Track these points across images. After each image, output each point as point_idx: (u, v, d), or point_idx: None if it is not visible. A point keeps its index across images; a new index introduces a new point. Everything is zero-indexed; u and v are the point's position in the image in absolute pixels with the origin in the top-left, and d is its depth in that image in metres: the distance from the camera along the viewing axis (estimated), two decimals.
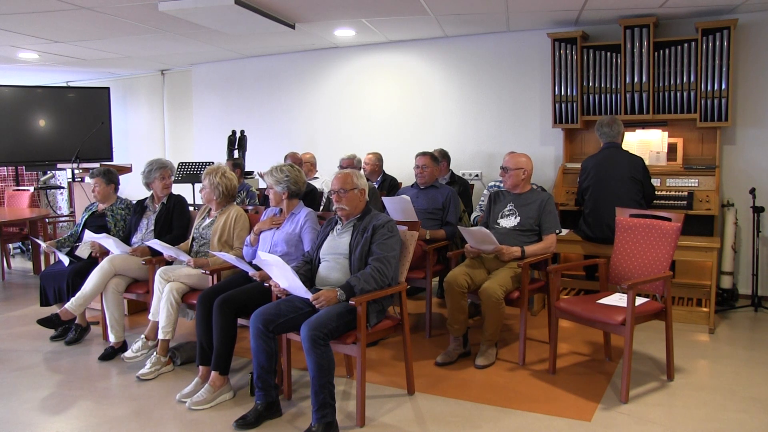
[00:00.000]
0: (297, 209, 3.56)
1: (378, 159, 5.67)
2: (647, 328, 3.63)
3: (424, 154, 4.53)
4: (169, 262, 3.91)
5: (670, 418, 2.94)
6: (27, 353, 3.98)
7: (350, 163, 5.53)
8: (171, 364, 3.64)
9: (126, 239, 4.15)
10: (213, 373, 3.18)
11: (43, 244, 4.36)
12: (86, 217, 4.43)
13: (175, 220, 4.13)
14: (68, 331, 4.19)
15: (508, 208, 3.91)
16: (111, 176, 4.43)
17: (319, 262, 3.21)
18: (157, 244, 3.76)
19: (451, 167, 5.44)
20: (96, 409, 3.15)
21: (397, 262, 3.09)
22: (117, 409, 3.13)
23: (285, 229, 3.53)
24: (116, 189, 4.48)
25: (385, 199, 4.24)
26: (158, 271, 3.66)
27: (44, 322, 3.92)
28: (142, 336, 3.69)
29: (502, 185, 4.88)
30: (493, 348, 3.67)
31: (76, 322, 4.17)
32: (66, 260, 4.15)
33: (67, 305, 3.84)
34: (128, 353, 3.63)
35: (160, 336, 3.56)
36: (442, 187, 4.55)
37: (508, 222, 3.86)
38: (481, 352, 3.64)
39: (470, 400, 3.15)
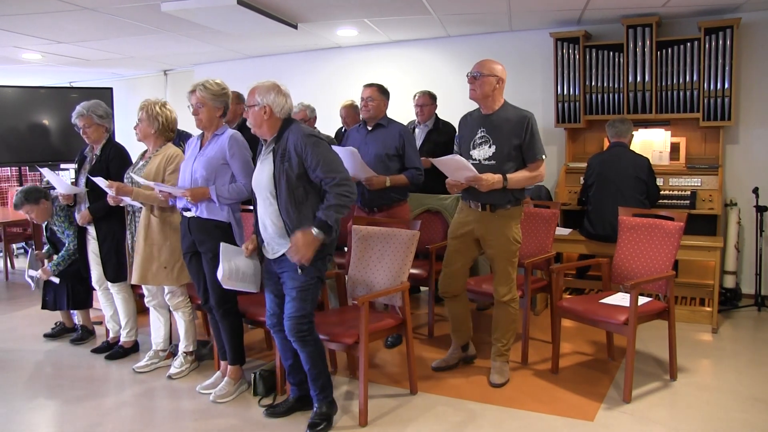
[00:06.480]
0: (221, 130, 3.10)
1: (352, 108, 5.22)
2: (650, 327, 3.62)
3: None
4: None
5: (673, 418, 2.93)
6: (30, 353, 3.99)
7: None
8: (170, 358, 3.68)
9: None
10: (231, 367, 3.26)
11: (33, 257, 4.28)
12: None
13: (112, 175, 3.56)
14: (63, 331, 4.27)
15: (479, 135, 3.19)
16: (33, 195, 4.17)
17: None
18: (101, 182, 3.37)
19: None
20: (97, 408, 3.16)
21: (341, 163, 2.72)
22: (118, 409, 3.14)
23: (207, 152, 3.07)
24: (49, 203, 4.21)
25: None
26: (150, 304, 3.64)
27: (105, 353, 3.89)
28: (153, 349, 3.72)
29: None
30: (507, 363, 3.40)
31: (82, 323, 4.20)
32: (56, 280, 4.02)
33: (122, 337, 3.86)
34: (141, 363, 3.64)
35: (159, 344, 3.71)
36: (391, 125, 3.90)
37: (482, 152, 3.16)
38: (495, 368, 3.36)
39: (473, 400, 3.15)
